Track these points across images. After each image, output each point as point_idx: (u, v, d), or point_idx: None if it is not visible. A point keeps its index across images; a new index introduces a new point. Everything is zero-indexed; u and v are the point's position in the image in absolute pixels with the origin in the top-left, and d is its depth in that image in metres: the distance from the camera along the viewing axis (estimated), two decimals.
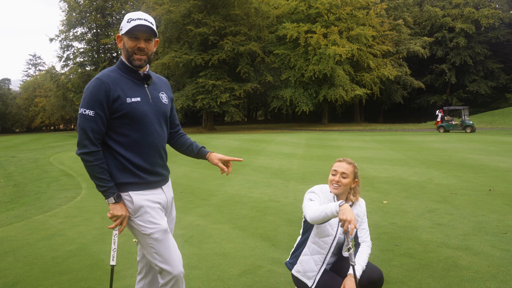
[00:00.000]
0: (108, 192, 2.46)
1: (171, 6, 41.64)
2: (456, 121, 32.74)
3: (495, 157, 13.11)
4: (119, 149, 2.52)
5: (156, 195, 2.62)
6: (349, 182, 3.11)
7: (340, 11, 43.83)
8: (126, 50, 2.52)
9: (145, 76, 2.59)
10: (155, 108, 2.60)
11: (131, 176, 2.52)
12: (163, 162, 2.70)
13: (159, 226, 2.53)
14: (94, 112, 2.42)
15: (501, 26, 58.25)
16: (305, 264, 3.10)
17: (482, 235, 5.13)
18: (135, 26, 2.45)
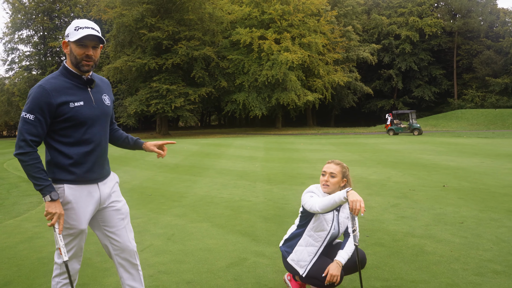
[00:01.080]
0: (44, 191, 2.56)
1: (123, 9, 40.99)
2: (404, 124, 34.35)
3: (445, 157, 14.03)
4: (60, 147, 2.67)
5: (89, 192, 2.75)
6: (337, 181, 3.40)
7: (292, 17, 44.82)
8: (74, 56, 2.65)
9: (88, 80, 2.74)
10: (98, 110, 2.76)
11: (68, 174, 2.67)
12: (102, 161, 2.83)
13: (77, 225, 2.70)
14: (34, 116, 2.55)
15: (443, 35, 61.52)
16: (299, 254, 3.40)
17: (442, 225, 5.62)
18: (85, 36, 2.59)
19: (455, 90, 62.91)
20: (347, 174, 3.45)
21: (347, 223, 3.47)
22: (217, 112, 69.83)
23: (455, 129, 41.11)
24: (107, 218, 2.89)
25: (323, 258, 3.41)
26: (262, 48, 43.31)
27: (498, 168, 10.98)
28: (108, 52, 46.89)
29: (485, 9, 61.36)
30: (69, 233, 2.71)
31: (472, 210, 6.45)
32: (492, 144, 19.39)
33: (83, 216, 2.72)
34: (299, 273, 3.38)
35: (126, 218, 2.97)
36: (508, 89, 58.36)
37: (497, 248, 4.65)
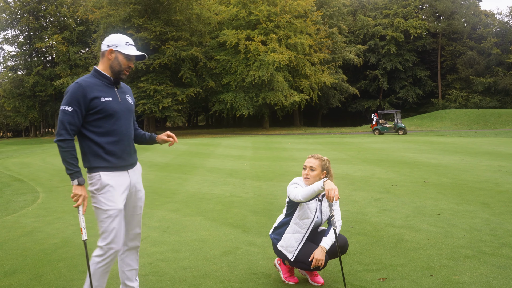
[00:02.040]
0: (74, 175, 2.97)
1: (110, 10, 40.98)
2: (390, 124, 34.96)
3: (427, 155, 14.53)
4: (94, 137, 3.09)
5: (122, 177, 3.17)
6: (317, 174, 3.73)
7: (279, 18, 45.21)
8: (119, 65, 3.15)
9: (115, 81, 3.21)
10: (123, 106, 3.22)
11: (102, 160, 3.09)
12: (129, 150, 3.25)
13: (115, 205, 3.08)
14: (72, 108, 2.99)
15: (427, 36, 62.55)
16: (287, 240, 3.73)
17: (421, 217, 6.01)
18: (138, 56, 3.20)
19: (439, 91, 64.02)
20: (327, 166, 3.77)
21: (328, 213, 3.80)
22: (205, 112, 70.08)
23: (439, 129, 41.92)
24: (129, 203, 3.30)
25: (308, 244, 3.74)
26: (248, 49, 43.67)
27: (476, 165, 11.47)
28: (95, 52, 46.79)
29: (468, 11, 62.55)
30: (108, 215, 3.07)
31: (449, 203, 6.86)
32: (473, 143, 19.99)
33: (119, 197, 3.11)
34: (288, 258, 3.71)
35: (142, 206, 3.43)
36: (491, 89, 59.63)
37: (470, 236, 5.04)
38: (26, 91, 51.82)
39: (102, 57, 3.19)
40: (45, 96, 52.76)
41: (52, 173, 13.15)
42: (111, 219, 3.07)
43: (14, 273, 4.19)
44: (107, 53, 3.14)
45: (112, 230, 3.08)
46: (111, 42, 3.14)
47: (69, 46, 51.83)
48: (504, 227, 5.38)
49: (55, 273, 4.15)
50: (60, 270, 4.23)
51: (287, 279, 3.85)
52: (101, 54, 3.20)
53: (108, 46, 3.15)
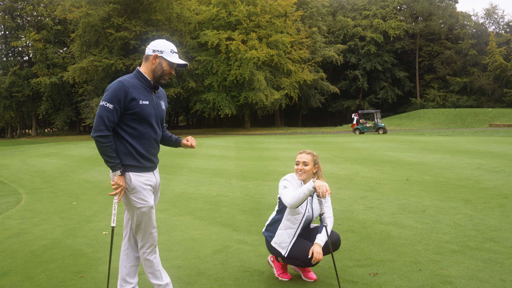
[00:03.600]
0: (116, 167, 3.12)
1: (89, 9, 40.40)
2: (370, 124, 35.41)
3: (408, 154, 14.80)
4: (127, 137, 3.19)
5: (149, 178, 3.31)
6: (310, 168, 3.82)
7: (259, 18, 45.32)
8: (162, 70, 3.26)
9: (155, 86, 3.32)
10: (157, 111, 3.32)
11: (133, 160, 3.20)
12: (156, 153, 3.38)
13: (147, 203, 3.24)
14: (113, 106, 3.08)
15: (406, 37, 63.56)
16: (280, 237, 3.80)
17: (406, 214, 6.15)
18: (181, 65, 3.28)
19: (418, 90, 65.14)
20: (318, 161, 3.88)
21: (319, 208, 3.87)
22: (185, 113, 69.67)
23: (418, 128, 42.63)
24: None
25: (301, 240, 3.81)
26: (229, 49, 43.67)
27: (456, 163, 11.75)
28: (74, 52, 46.12)
29: (445, 12, 63.78)
30: (141, 212, 3.23)
31: (433, 200, 7.03)
32: (452, 142, 20.42)
33: (149, 195, 3.28)
34: (282, 254, 3.78)
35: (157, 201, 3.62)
36: (467, 89, 60.97)
37: (455, 231, 5.19)
38: (3, 91, 50.73)
39: (145, 61, 3.27)
40: (22, 96, 51.74)
41: (33, 174, 12.95)
42: (145, 216, 3.24)
43: (5, 275, 4.15)
44: (151, 58, 3.22)
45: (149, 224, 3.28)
46: (157, 48, 3.22)
47: (47, 45, 50.95)
48: (487, 222, 5.55)
49: (47, 274, 4.12)
50: (52, 271, 4.21)
51: (281, 275, 3.91)
52: (144, 57, 3.28)
53: (153, 51, 3.23)
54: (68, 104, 52.52)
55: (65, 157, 18.28)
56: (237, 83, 44.54)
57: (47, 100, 50.80)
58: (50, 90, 49.18)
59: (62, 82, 47.89)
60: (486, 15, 66.34)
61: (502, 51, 57.17)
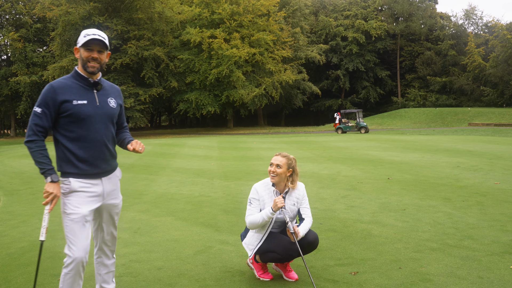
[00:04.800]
0: (46, 173, 2.90)
1: (69, 7, 39.82)
2: (352, 123, 35.68)
3: (389, 153, 14.97)
4: (65, 142, 3.01)
5: (93, 185, 3.07)
6: (283, 171, 3.80)
7: (242, 18, 45.28)
8: (82, 59, 3.04)
9: (94, 83, 3.10)
10: (101, 110, 3.09)
11: (72, 166, 3.00)
12: (104, 157, 3.11)
13: (79, 210, 2.98)
14: (41, 110, 2.95)
15: (387, 37, 64.25)
16: (250, 238, 3.87)
17: (387, 212, 6.22)
18: (90, 39, 2.98)
19: (399, 90, 65.91)
20: (293, 165, 3.85)
21: (294, 210, 3.87)
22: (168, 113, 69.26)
23: (399, 127, 43.12)
24: (104, 211, 3.23)
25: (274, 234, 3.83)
26: (212, 47, 43.55)
27: (436, 162, 11.92)
28: (54, 51, 45.42)
29: (425, 13, 64.61)
30: (71, 219, 2.97)
31: (413, 198, 7.12)
32: (432, 141, 20.71)
33: (85, 203, 3.01)
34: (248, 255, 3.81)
35: (118, 214, 3.37)
36: (446, 88, 61.97)
37: (434, 229, 5.26)
38: None
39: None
40: (0, 96, 50.76)
41: (12, 175, 12.70)
42: (73, 224, 2.96)
43: None
44: (75, 53, 3.09)
45: (75, 236, 2.96)
46: (77, 41, 3.05)
47: (26, 43, 50.06)
48: (465, 220, 5.64)
49: (25, 277, 4.05)
50: (29, 274, 4.13)
51: (262, 276, 3.91)
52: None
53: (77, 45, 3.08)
54: None
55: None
56: (219, 82, 44.53)
57: (27, 100, 49.92)
58: (29, 90, 48.32)
59: (42, 81, 47.10)
60: (465, 16, 67.46)
61: (481, 51, 58.22)
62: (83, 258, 2.99)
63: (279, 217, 3.81)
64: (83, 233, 2.99)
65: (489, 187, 7.92)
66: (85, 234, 3.01)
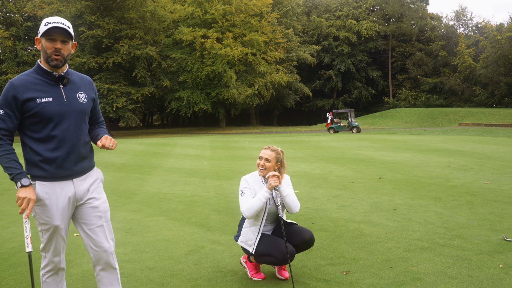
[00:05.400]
0: (15, 178, 2.64)
1: (61, 6, 39.59)
2: (344, 123, 35.83)
3: (381, 152, 15.05)
4: (31, 143, 2.75)
5: (62, 189, 2.79)
6: (272, 165, 3.83)
7: (234, 17, 45.28)
8: (44, 51, 2.72)
9: (60, 77, 2.78)
10: (69, 106, 2.79)
11: (38, 169, 2.74)
12: (75, 157, 2.82)
13: (51, 221, 2.76)
14: (3, 111, 2.67)
15: (378, 38, 64.56)
16: (246, 235, 3.84)
17: (378, 212, 6.26)
18: (51, 28, 2.65)
19: (390, 90, 66.24)
20: (281, 159, 3.89)
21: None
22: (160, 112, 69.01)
23: (390, 127, 43.34)
24: (84, 215, 2.91)
25: (272, 237, 3.83)
26: (204, 46, 43.52)
27: (427, 162, 12.01)
28: None
29: (416, 14, 64.97)
30: (45, 229, 2.80)
31: (404, 198, 7.17)
32: (423, 141, 20.85)
33: (56, 212, 2.76)
34: (250, 252, 3.79)
35: (104, 216, 2.98)
36: (437, 88, 62.40)
37: (425, 229, 5.30)
38: None
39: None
40: None
41: (2, 175, 12.55)
42: (48, 233, 2.79)
43: None
44: (36, 44, 2.76)
45: (50, 244, 2.84)
46: (39, 31, 2.73)
47: (16, 42, 49.62)
48: (455, 219, 5.69)
49: (16, 278, 4.03)
50: (20, 275, 4.11)
51: (254, 275, 3.92)
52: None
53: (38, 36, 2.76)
54: None
55: None
56: (210, 81, 44.55)
57: None
58: None
59: None
60: (455, 17, 67.94)
61: (471, 52, 58.69)
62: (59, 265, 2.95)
63: (270, 208, 3.81)
64: (59, 240, 2.86)
65: (479, 187, 8.00)
66: (61, 241, 2.88)
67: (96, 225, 2.92)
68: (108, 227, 3.00)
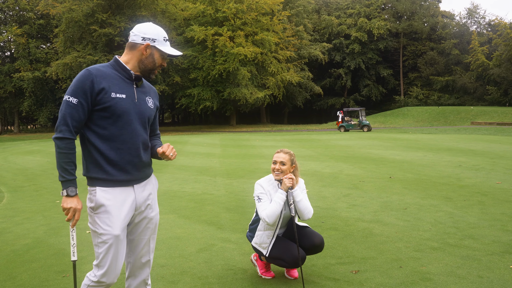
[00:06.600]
0: (64, 184, 2.49)
1: (73, 4, 39.97)
2: (355, 121, 35.69)
3: (391, 151, 14.99)
4: (95, 141, 2.57)
5: (124, 195, 2.63)
6: (287, 168, 3.83)
7: (246, 16, 45.29)
8: (153, 62, 2.69)
9: (136, 77, 2.67)
10: (139, 107, 2.67)
11: (100, 171, 2.57)
12: (139, 161, 2.67)
13: (111, 230, 2.56)
14: (77, 100, 2.48)
15: (389, 37, 64.16)
16: (260, 237, 3.85)
17: (388, 211, 6.25)
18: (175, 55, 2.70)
19: (402, 88, 65.81)
20: (295, 160, 3.90)
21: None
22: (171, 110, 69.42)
23: (401, 126, 43.07)
24: (135, 224, 2.77)
25: (285, 241, 3.85)
26: (216, 44, 43.62)
27: (438, 161, 11.93)
28: (57, 48, 45.53)
29: (427, 12, 64.43)
30: (103, 240, 2.58)
31: (414, 197, 7.15)
32: (434, 139, 20.71)
33: (117, 220, 2.58)
34: (263, 254, 3.82)
35: (154, 229, 2.87)
36: (449, 87, 61.84)
37: (435, 229, 5.29)
38: None
39: (131, 49, 2.66)
40: (4, 92, 50.93)
41: (15, 172, 12.79)
42: (106, 246, 2.56)
43: None
44: (142, 48, 2.63)
45: (106, 259, 2.59)
46: (148, 36, 2.64)
47: (29, 39, 50.18)
48: (466, 219, 5.67)
49: (30, 274, 4.11)
50: (34, 271, 4.19)
51: (264, 274, 3.95)
52: (130, 45, 2.67)
53: (143, 39, 2.64)
54: (51, 100, 51.68)
55: (48, 154, 18.09)
56: (222, 79, 44.66)
57: (30, 96, 50.04)
58: (33, 86, 48.44)
59: (45, 77, 47.21)
60: (468, 15, 67.24)
61: (484, 50, 58.05)
62: (113, 282, 2.69)
63: (285, 213, 3.82)
64: (117, 255, 2.62)
65: (491, 187, 7.94)
66: (120, 256, 2.64)
67: (143, 237, 2.81)
68: (153, 242, 2.89)
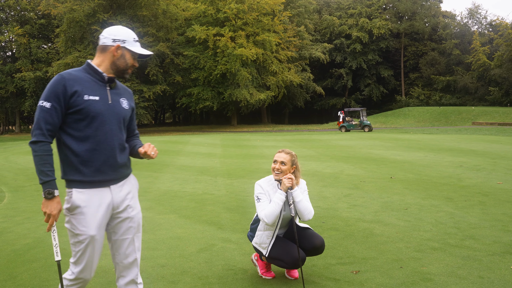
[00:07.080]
0: (43, 186, 2.54)
1: (74, 4, 40.02)
2: (356, 121, 35.65)
3: (392, 152, 14.98)
4: (71, 143, 2.62)
5: (100, 196, 2.67)
6: (287, 168, 3.82)
7: (247, 16, 45.28)
8: (125, 63, 2.76)
9: (109, 79, 2.73)
10: (112, 109, 2.72)
11: (76, 172, 2.62)
12: (114, 162, 2.71)
13: (87, 231, 2.61)
14: (50, 104, 2.54)
15: (390, 37, 64.10)
16: (260, 237, 3.85)
17: (389, 211, 6.24)
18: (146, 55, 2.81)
19: (403, 89, 65.75)
20: (296, 161, 3.89)
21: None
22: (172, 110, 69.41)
23: (402, 126, 43.03)
24: (116, 224, 2.80)
25: (284, 241, 3.85)
26: (217, 45, 43.62)
27: (439, 161, 11.92)
28: (58, 48, 45.57)
29: (428, 12, 64.34)
30: (79, 240, 2.63)
31: (415, 198, 7.14)
32: (435, 140, 20.69)
33: (92, 221, 2.62)
34: (263, 254, 3.82)
35: (136, 228, 2.88)
36: (450, 87, 61.77)
37: (436, 229, 5.28)
38: None
39: (102, 52, 2.73)
40: (5, 93, 50.98)
41: (16, 172, 12.79)
42: (82, 245, 2.63)
43: None
44: (113, 49, 2.71)
45: (83, 257, 2.66)
46: (118, 37, 2.71)
47: (30, 39, 50.23)
48: (467, 220, 5.66)
49: (30, 274, 4.11)
50: (35, 271, 4.19)
51: (264, 274, 3.95)
52: (101, 48, 2.74)
53: (114, 41, 2.71)
54: None
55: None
56: (223, 80, 44.65)
57: (32, 96, 50.10)
58: (34, 86, 48.50)
59: (47, 77, 47.27)
60: (469, 15, 67.15)
61: (486, 50, 57.94)
62: (90, 278, 2.77)
63: (285, 214, 3.82)
64: (94, 253, 2.69)
65: (492, 187, 7.93)
66: (96, 254, 2.71)
67: (126, 236, 2.82)
68: (138, 240, 2.90)
